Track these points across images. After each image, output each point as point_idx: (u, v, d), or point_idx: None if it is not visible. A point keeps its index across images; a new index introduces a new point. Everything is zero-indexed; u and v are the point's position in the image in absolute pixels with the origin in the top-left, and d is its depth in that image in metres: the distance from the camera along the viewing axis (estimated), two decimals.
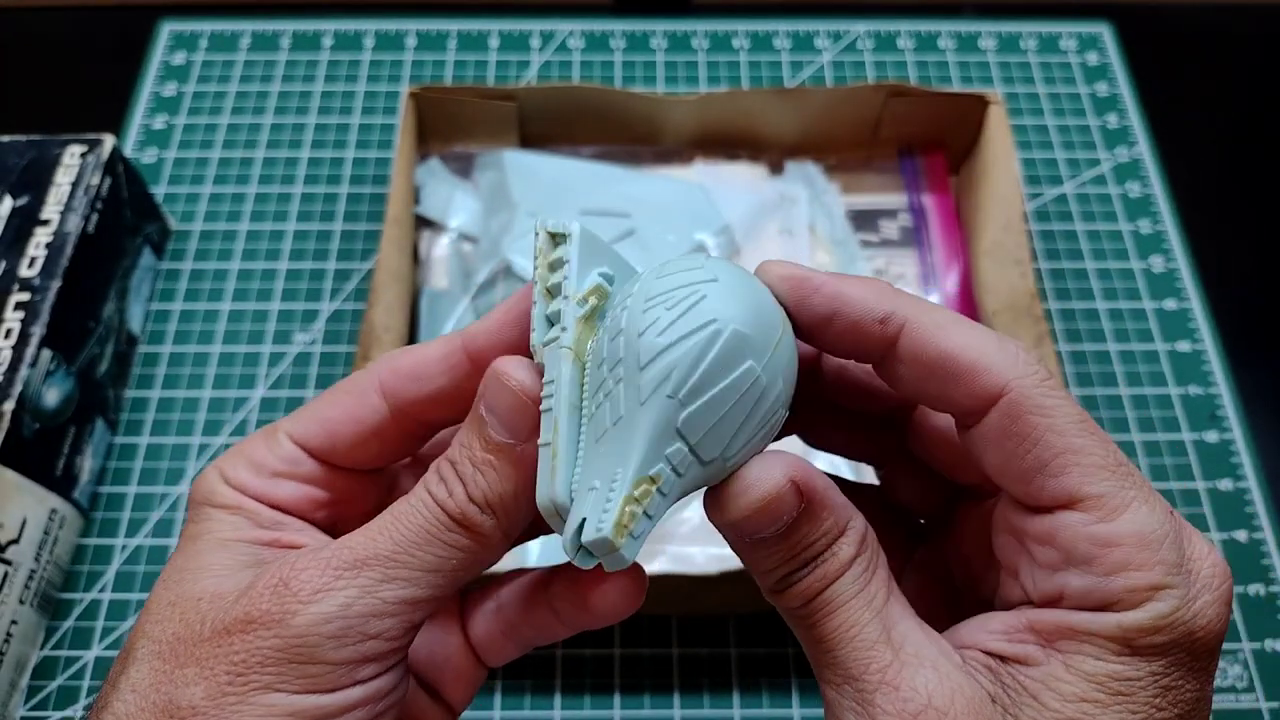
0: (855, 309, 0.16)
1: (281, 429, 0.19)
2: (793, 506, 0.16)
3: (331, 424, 0.18)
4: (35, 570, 0.34)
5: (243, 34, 0.50)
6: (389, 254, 0.37)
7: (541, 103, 0.42)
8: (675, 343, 0.15)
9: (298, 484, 0.19)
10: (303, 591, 0.15)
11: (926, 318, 0.16)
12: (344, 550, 0.16)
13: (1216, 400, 0.40)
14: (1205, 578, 0.15)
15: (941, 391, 0.16)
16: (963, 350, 0.16)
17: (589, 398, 0.16)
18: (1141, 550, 0.15)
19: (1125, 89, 0.48)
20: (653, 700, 0.34)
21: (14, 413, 0.32)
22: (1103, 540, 0.15)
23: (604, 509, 0.15)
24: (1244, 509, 0.38)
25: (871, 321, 0.16)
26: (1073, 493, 0.15)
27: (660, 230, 0.41)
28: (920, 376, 0.16)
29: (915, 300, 0.17)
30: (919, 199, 0.44)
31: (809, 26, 0.50)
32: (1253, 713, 0.34)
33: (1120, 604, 0.15)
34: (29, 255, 0.35)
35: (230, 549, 0.17)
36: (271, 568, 0.16)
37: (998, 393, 0.16)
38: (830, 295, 0.17)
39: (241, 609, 0.16)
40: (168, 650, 0.16)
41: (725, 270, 0.16)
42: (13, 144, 0.38)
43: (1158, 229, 0.44)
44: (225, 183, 0.45)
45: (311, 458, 0.19)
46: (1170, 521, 0.16)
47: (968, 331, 0.16)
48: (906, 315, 0.16)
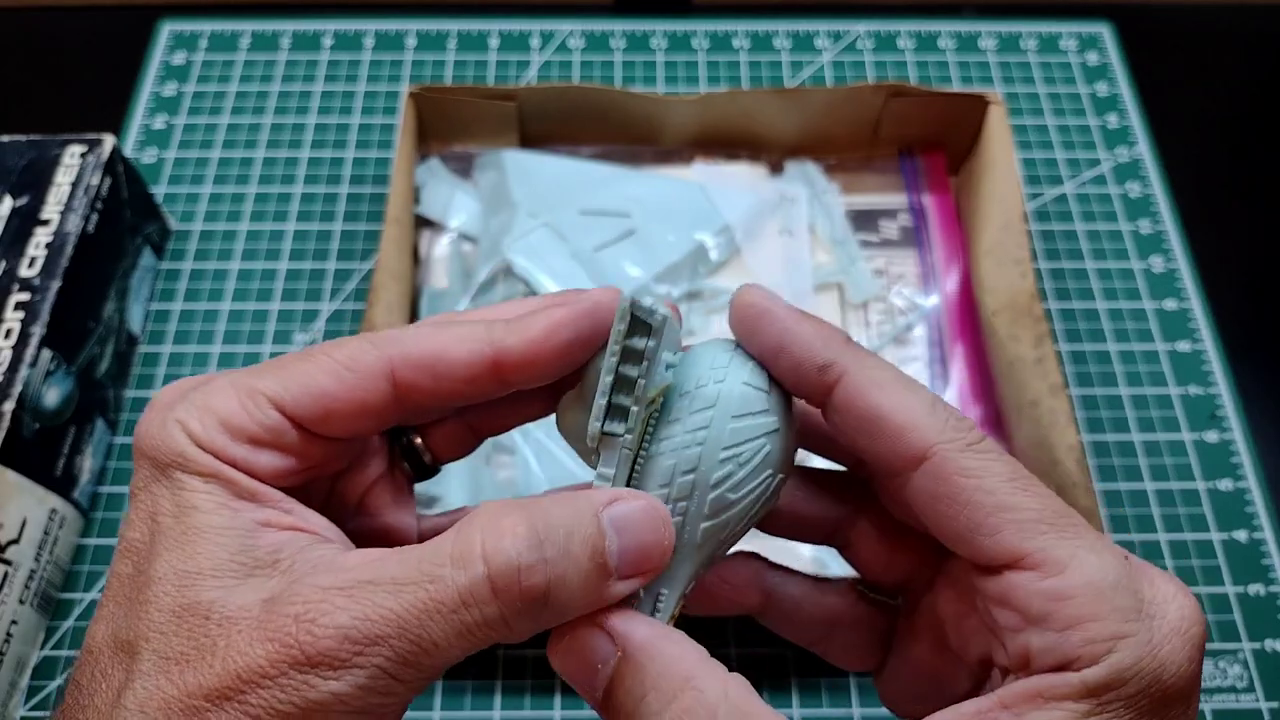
0: (799, 350, 0.17)
1: (261, 390, 0.17)
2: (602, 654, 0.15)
3: (329, 399, 0.17)
4: (35, 570, 0.34)
5: (243, 34, 0.50)
6: (389, 254, 0.37)
7: (541, 103, 0.42)
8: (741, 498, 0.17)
9: (278, 454, 0.17)
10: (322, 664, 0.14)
11: (865, 374, 0.16)
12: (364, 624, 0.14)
13: (1216, 400, 0.40)
14: (1173, 621, 0.15)
15: (870, 447, 0.16)
16: (893, 410, 0.16)
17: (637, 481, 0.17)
18: (1095, 602, 0.15)
19: (1125, 89, 0.48)
20: None
21: (14, 413, 0.32)
22: (1053, 595, 0.15)
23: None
24: (1244, 509, 0.38)
25: (811, 366, 0.17)
26: (1013, 551, 0.15)
27: (660, 230, 0.42)
28: (852, 429, 0.17)
29: (861, 354, 0.17)
30: (919, 199, 0.44)
31: (809, 27, 0.50)
32: (1252, 712, 0.34)
33: (1080, 660, 0.15)
34: (29, 255, 0.35)
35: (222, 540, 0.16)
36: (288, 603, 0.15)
37: (922, 453, 0.16)
38: (779, 331, 0.17)
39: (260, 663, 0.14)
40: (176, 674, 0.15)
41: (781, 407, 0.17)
42: (13, 144, 0.38)
43: (1158, 229, 0.44)
44: (225, 183, 0.45)
45: (296, 427, 0.17)
46: (1124, 566, 0.15)
47: (902, 392, 0.16)
48: (846, 367, 0.16)
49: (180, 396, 0.17)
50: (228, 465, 0.16)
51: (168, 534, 0.16)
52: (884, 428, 0.16)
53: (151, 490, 0.16)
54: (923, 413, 0.16)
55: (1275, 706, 0.34)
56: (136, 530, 0.16)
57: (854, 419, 0.17)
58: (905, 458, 0.16)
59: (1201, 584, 0.36)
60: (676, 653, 0.16)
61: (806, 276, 0.42)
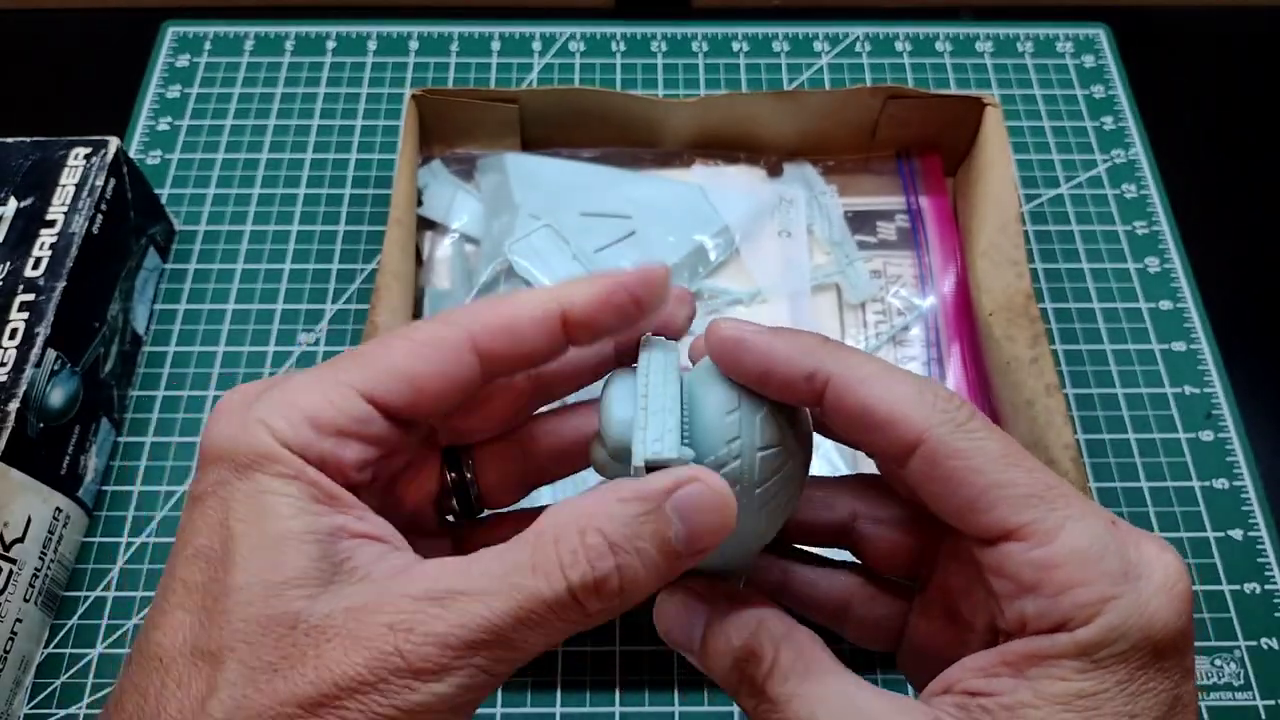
0: (782, 368, 0.17)
1: (344, 380, 0.17)
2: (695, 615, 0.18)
3: (420, 380, 0.17)
4: (40, 568, 0.34)
5: (246, 37, 0.50)
6: (392, 255, 0.37)
7: (543, 105, 0.42)
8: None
9: (364, 444, 0.17)
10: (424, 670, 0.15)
11: (851, 372, 0.17)
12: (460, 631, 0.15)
13: (1212, 400, 0.40)
14: (1159, 580, 0.16)
15: (866, 440, 0.17)
16: (880, 403, 0.17)
17: None
18: (1083, 567, 0.16)
19: (1121, 91, 0.49)
20: (652, 697, 0.34)
21: (19, 412, 0.33)
22: (1043, 564, 0.16)
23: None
24: (1240, 507, 0.38)
25: (798, 378, 0.17)
26: (1005, 525, 0.16)
27: (660, 232, 0.42)
28: (845, 427, 0.17)
29: (843, 353, 0.17)
30: (916, 200, 0.44)
31: (807, 30, 0.51)
32: (1249, 709, 0.34)
33: (1072, 622, 0.16)
34: (34, 256, 0.36)
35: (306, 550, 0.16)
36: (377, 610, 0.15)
37: (915, 441, 0.16)
38: (761, 355, 0.17)
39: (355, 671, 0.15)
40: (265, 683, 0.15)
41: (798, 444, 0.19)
42: (17, 145, 0.38)
43: (1154, 229, 0.45)
44: (229, 184, 0.45)
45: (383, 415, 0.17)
46: (1109, 533, 0.16)
47: (888, 383, 0.17)
48: (830, 371, 0.17)
49: (255, 398, 0.17)
50: (312, 464, 0.16)
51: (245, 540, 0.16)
52: (874, 421, 0.17)
53: (221, 495, 0.16)
54: (910, 400, 0.17)
55: (1271, 704, 0.34)
56: (206, 537, 0.16)
57: (846, 418, 0.17)
58: (899, 446, 0.17)
59: (1198, 582, 0.36)
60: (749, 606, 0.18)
61: (804, 277, 0.42)
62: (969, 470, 0.16)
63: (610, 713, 0.34)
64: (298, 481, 0.16)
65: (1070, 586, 0.16)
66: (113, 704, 0.16)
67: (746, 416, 0.17)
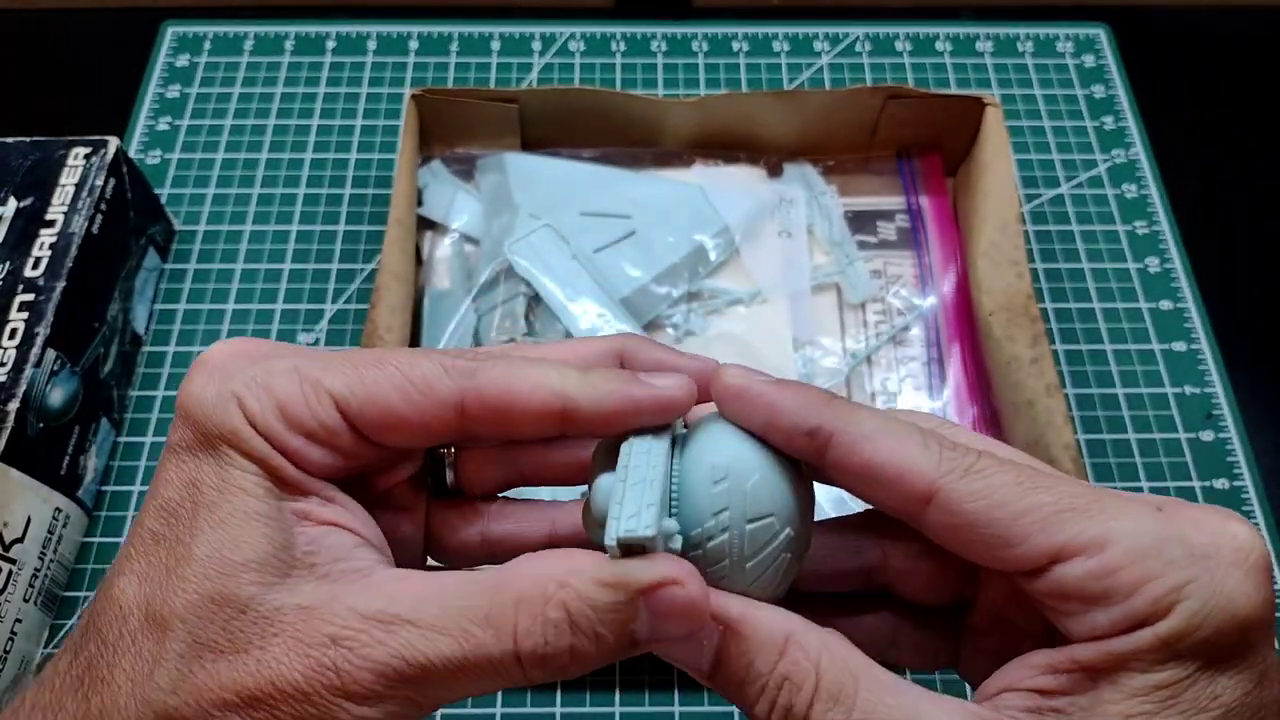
0: (785, 421, 0.17)
1: (327, 386, 0.16)
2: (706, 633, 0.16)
3: (394, 417, 0.17)
4: (39, 568, 0.34)
5: (246, 36, 0.50)
6: (392, 255, 0.37)
7: (542, 105, 0.42)
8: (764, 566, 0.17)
9: (330, 451, 0.17)
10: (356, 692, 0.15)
11: (853, 429, 0.16)
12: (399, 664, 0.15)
13: (1213, 400, 0.40)
14: (1229, 554, 0.15)
15: (875, 498, 0.17)
16: (885, 460, 0.16)
17: None
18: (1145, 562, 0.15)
19: (1121, 91, 0.49)
20: (652, 697, 0.34)
21: (18, 412, 0.33)
22: (1103, 573, 0.15)
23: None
24: (1240, 507, 0.38)
25: (799, 434, 0.17)
26: (1047, 549, 0.15)
27: (660, 232, 0.42)
28: (853, 485, 0.17)
29: (844, 410, 0.17)
30: (916, 200, 0.44)
31: (807, 30, 0.51)
32: None
33: (1151, 617, 0.15)
34: (34, 256, 0.36)
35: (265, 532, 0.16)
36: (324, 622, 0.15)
37: (927, 493, 0.16)
38: (764, 407, 0.17)
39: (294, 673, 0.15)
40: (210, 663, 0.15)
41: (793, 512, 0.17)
42: (17, 145, 0.38)
43: (1154, 229, 0.45)
44: (229, 184, 0.45)
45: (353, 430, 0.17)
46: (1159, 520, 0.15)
47: (890, 440, 0.16)
48: (833, 428, 0.16)
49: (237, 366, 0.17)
50: (278, 453, 0.16)
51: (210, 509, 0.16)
52: (882, 478, 0.16)
53: (195, 456, 0.16)
54: (915, 454, 0.16)
55: None
56: (174, 491, 0.16)
57: (851, 476, 0.17)
58: (912, 501, 0.16)
59: None
60: (774, 617, 0.16)
61: (804, 277, 0.42)
62: (990, 508, 0.15)
63: (610, 713, 0.33)
64: (264, 464, 0.16)
65: (1139, 585, 0.15)
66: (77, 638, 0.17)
67: (735, 486, 0.17)
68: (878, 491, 0.17)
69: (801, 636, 0.16)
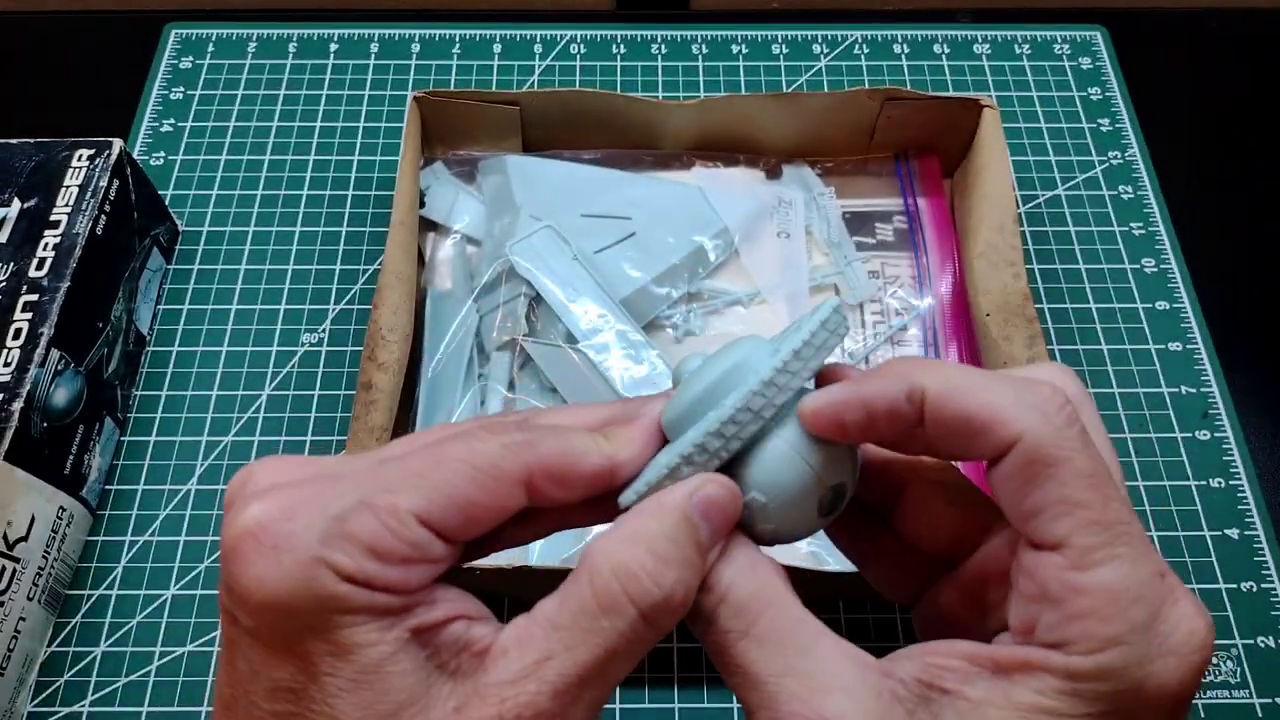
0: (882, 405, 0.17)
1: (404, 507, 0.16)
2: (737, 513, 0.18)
3: (474, 508, 0.17)
4: (43, 567, 0.34)
5: (249, 39, 0.50)
6: (394, 256, 0.37)
7: (544, 107, 0.43)
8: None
9: (426, 566, 0.16)
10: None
11: (946, 383, 0.17)
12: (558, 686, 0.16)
13: (1209, 399, 0.40)
14: (1177, 641, 0.16)
15: (964, 448, 0.17)
16: (980, 409, 0.17)
17: None
18: (1108, 604, 0.16)
19: (1118, 92, 0.49)
20: (652, 694, 0.34)
21: (23, 411, 0.33)
22: (1072, 585, 0.16)
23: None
24: (1236, 506, 0.38)
25: (900, 403, 0.17)
26: (1058, 538, 0.16)
27: (660, 233, 0.42)
28: (943, 436, 0.17)
29: (933, 366, 0.18)
30: (914, 202, 0.44)
31: (806, 32, 0.51)
32: (1245, 708, 0.34)
33: (1075, 647, 0.16)
34: (38, 257, 0.36)
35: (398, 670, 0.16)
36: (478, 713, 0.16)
37: (1012, 442, 0.16)
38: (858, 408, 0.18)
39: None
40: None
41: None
42: (21, 146, 0.39)
43: (1150, 230, 0.45)
44: (232, 185, 0.46)
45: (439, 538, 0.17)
46: (1152, 583, 0.16)
47: (985, 389, 0.17)
48: (926, 385, 0.17)
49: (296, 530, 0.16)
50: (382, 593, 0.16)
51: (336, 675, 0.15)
52: (976, 428, 0.17)
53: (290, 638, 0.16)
54: (1010, 403, 0.17)
55: (1267, 703, 0.34)
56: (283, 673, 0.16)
57: (945, 427, 0.17)
58: (999, 448, 0.17)
59: (1194, 580, 0.36)
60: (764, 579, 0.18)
61: (803, 278, 0.42)
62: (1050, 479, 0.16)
63: (610, 711, 0.34)
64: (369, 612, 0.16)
65: (1086, 616, 0.16)
66: None
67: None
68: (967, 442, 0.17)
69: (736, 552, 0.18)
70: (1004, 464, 0.17)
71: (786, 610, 0.17)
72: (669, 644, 0.35)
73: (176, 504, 0.38)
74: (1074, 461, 0.16)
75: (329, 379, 0.40)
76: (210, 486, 0.38)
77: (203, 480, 0.38)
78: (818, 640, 0.17)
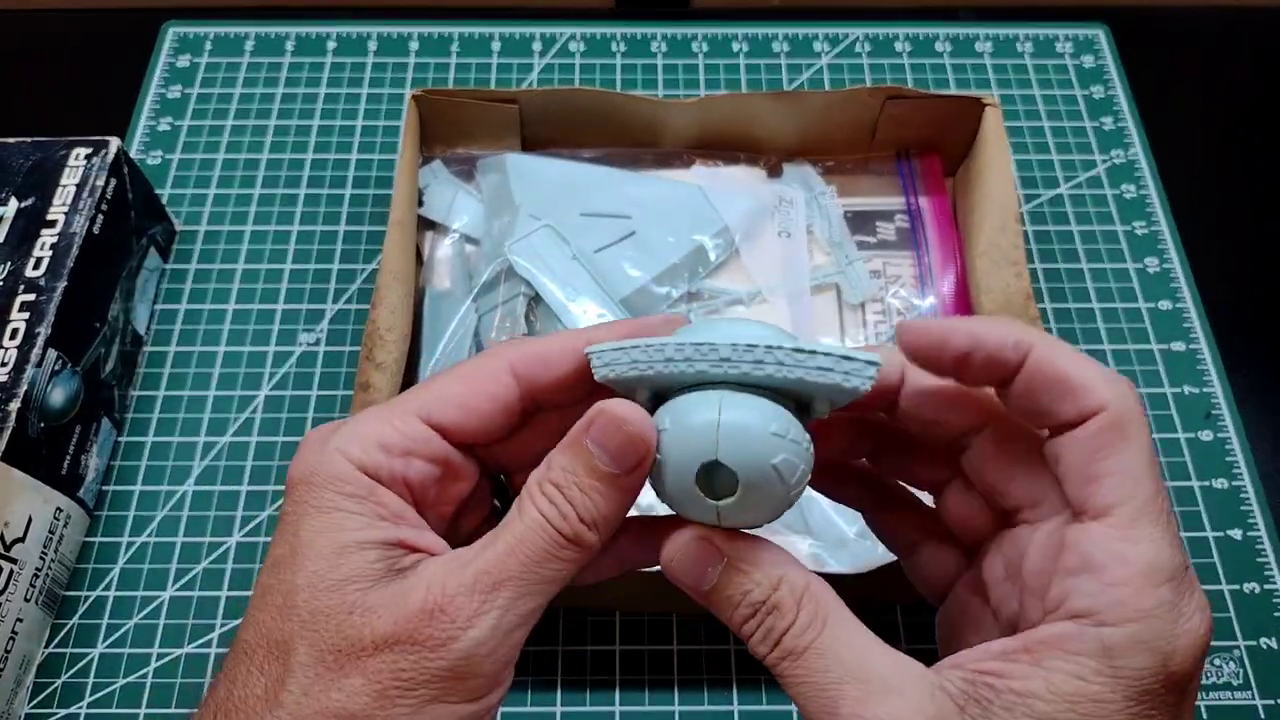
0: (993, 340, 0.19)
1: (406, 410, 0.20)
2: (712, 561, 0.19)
3: (469, 401, 0.20)
4: (40, 568, 0.34)
5: (247, 37, 0.50)
6: (392, 255, 0.37)
7: (543, 106, 0.42)
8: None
9: (425, 462, 0.20)
10: (459, 617, 0.18)
11: (1049, 346, 0.19)
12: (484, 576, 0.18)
13: (1212, 399, 0.40)
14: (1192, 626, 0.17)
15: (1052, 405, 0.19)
16: (1077, 372, 0.19)
17: None
18: (1146, 577, 0.17)
19: (1120, 91, 0.49)
20: (652, 696, 0.34)
21: (19, 412, 0.33)
22: (1117, 556, 0.17)
23: None
24: (1239, 507, 0.38)
25: (1007, 348, 0.19)
26: (1111, 504, 0.18)
27: (660, 232, 0.42)
28: (1038, 390, 0.19)
29: (1039, 331, 0.20)
30: (915, 201, 0.44)
31: (807, 30, 0.51)
32: (1248, 709, 0.34)
33: (1108, 616, 0.17)
34: (35, 256, 0.36)
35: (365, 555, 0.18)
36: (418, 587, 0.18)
37: (1097, 408, 0.18)
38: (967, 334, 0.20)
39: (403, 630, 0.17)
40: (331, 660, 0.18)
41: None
42: (18, 145, 0.38)
43: (1153, 229, 0.45)
44: (230, 184, 0.45)
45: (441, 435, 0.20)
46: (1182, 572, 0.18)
47: (1082, 360, 0.19)
48: (1033, 341, 0.19)
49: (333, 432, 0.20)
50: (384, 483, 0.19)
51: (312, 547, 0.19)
52: (1071, 387, 0.19)
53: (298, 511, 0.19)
54: (1101, 377, 0.19)
55: (1270, 704, 0.34)
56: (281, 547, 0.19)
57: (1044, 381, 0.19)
58: (1084, 412, 0.18)
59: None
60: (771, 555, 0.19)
61: (804, 277, 0.42)
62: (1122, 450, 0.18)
63: (610, 712, 0.34)
64: (367, 500, 0.19)
65: (1125, 585, 0.17)
66: (207, 693, 0.19)
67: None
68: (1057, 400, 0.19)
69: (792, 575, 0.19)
70: (1083, 429, 0.18)
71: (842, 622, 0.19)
72: (669, 646, 0.35)
73: (174, 505, 0.37)
74: (1144, 442, 0.18)
75: (327, 379, 0.40)
76: (207, 487, 0.38)
77: (200, 481, 0.38)
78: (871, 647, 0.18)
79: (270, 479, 0.38)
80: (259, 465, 0.38)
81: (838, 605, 0.19)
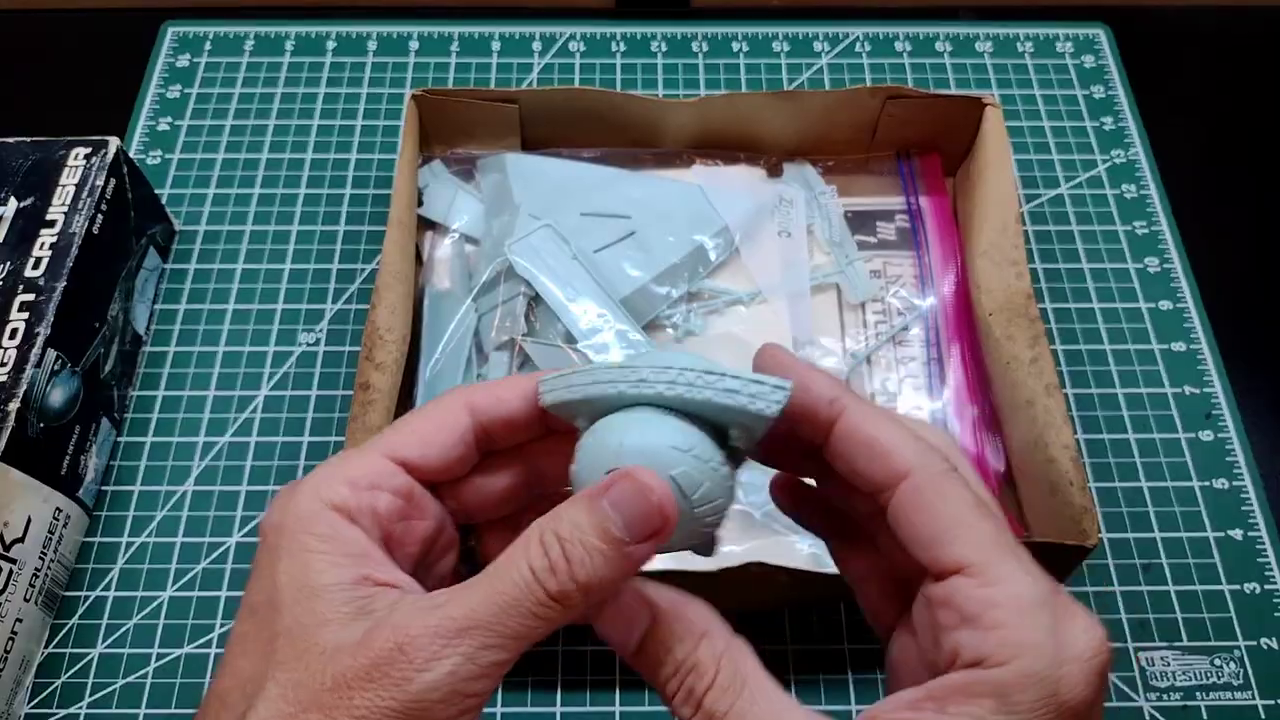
0: (816, 389, 0.20)
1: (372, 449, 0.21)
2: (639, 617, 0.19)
3: (426, 434, 0.21)
4: (40, 568, 0.34)
5: (247, 37, 0.50)
6: (392, 255, 0.37)
7: (543, 105, 0.42)
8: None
9: (391, 495, 0.21)
10: (417, 659, 0.17)
11: (860, 409, 0.20)
12: (449, 621, 0.18)
13: (1212, 400, 0.40)
14: (1078, 648, 0.17)
15: (864, 468, 0.20)
16: (884, 437, 0.20)
17: None
18: (1017, 613, 0.18)
19: (1121, 91, 0.49)
20: (652, 696, 0.34)
21: (19, 412, 0.33)
22: (985, 601, 0.18)
23: None
24: (1240, 507, 0.38)
25: (824, 401, 0.20)
26: (961, 560, 0.18)
27: (660, 232, 0.42)
28: (848, 453, 0.20)
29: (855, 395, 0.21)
30: (916, 201, 0.44)
31: (807, 30, 0.51)
32: (1248, 709, 0.34)
33: (993, 659, 0.17)
34: (34, 256, 0.36)
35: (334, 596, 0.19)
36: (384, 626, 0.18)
37: (904, 472, 0.19)
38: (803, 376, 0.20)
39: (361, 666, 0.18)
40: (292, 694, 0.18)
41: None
42: (17, 145, 0.38)
43: (1153, 229, 0.45)
44: (229, 184, 0.45)
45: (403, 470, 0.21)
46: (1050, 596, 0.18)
47: (889, 425, 0.20)
48: (847, 403, 0.20)
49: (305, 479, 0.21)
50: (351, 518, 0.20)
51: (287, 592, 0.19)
52: (876, 451, 0.19)
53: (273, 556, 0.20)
54: (906, 441, 0.19)
55: (1271, 704, 0.34)
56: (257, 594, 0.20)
57: (853, 444, 0.20)
58: (892, 474, 0.19)
59: (1197, 582, 0.36)
60: (697, 613, 0.19)
61: (804, 277, 0.42)
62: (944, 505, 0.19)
63: (610, 712, 0.34)
64: (333, 540, 0.19)
65: (1002, 626, 0.17)
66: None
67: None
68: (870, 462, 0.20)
69: (714, 635, 0.19)
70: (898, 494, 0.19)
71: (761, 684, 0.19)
72: None
73: (173, 505, 0.37)
74: (961, 494, 0.19)
75: (326, 379, 0.40)
76: (207, 488, 0.38)
77: (199, 481, 0.38)
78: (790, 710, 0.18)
79: (270, 479, 0.38)
80: (258, 465, 0.38)
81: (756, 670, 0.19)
